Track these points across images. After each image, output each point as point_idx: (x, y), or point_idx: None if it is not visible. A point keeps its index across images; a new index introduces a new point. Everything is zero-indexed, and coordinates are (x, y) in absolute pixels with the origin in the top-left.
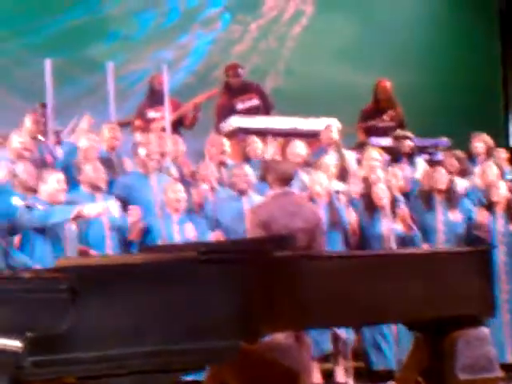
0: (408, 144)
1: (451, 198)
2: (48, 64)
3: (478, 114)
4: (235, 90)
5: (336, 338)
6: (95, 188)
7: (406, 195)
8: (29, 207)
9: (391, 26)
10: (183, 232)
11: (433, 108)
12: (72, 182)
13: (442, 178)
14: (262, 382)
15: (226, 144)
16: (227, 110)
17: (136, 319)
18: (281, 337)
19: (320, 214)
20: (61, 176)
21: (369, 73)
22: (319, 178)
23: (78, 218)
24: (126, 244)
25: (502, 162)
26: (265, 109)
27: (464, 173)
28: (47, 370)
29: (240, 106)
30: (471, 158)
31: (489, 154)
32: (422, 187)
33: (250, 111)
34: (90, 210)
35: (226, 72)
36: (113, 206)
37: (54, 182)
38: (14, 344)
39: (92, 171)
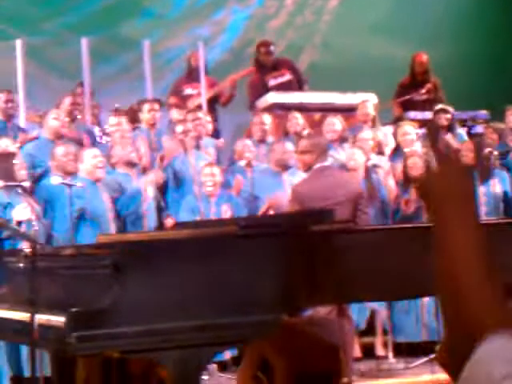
0: (446, 117)
1: (485, 171)
2: (84, 43)
3: None
4: (267, 67)
5: (374, 312)
6: (129, 165)
7: None
8: (68, 185)
9: None
10: (220, 214)
11: (470, 80)
12: None
13: (468, 155)
14: (303, 356)
15: (267, 121)
16: (259, 88)
17: (178, 294)
18: (322, 311)
19: (360, 186)
20: (96, 151)
21: (405, 45)
22: (354, 154)
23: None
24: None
25: None
26: (297, 84)
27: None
28: (91, 345)
29: (272, 82)
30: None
31: None
32: None
33: (282, 86)
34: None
35: (258, 49)
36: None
37: (90, 158)
38: (59, 319)
39: (121, 150)
